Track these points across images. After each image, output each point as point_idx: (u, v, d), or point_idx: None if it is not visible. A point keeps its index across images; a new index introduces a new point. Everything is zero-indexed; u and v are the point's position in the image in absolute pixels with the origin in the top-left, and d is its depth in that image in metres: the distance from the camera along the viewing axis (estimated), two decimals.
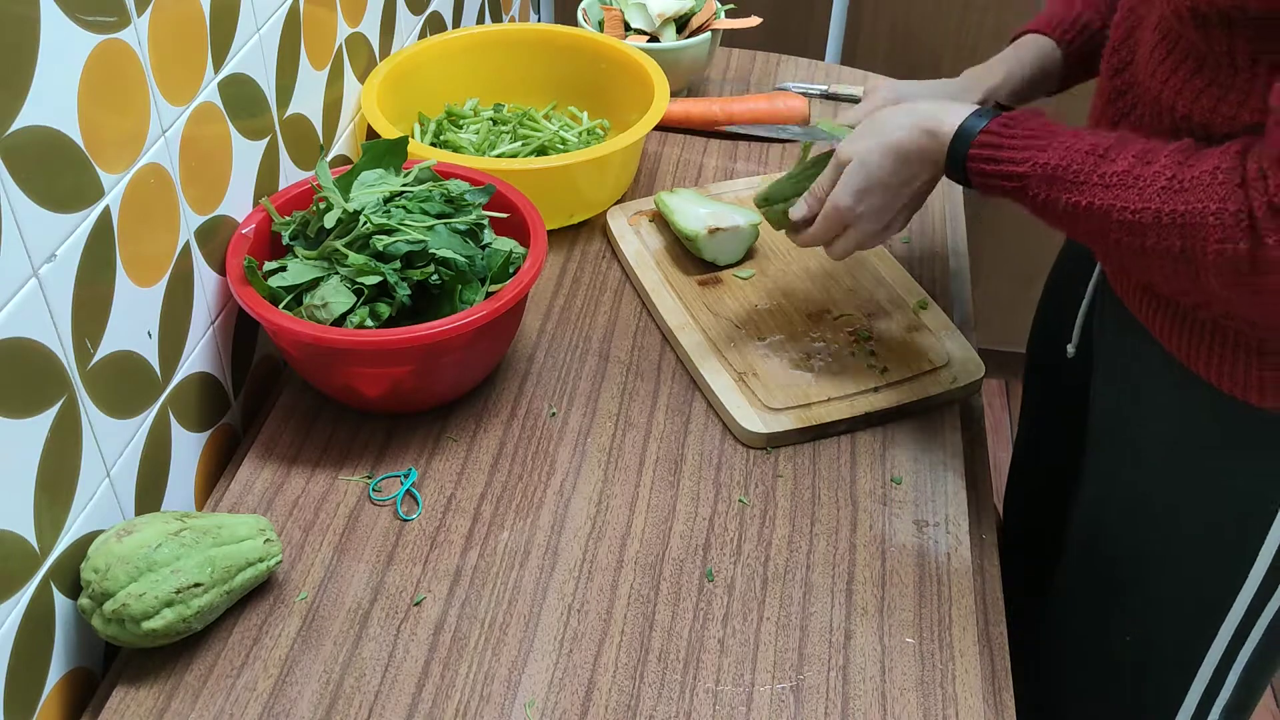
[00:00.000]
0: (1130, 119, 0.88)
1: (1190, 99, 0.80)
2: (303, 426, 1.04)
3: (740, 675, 0.84)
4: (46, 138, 0.75)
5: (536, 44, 1.42)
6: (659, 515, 0.96)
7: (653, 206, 1.29)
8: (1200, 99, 0.79)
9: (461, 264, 0.97)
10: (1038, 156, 0.82)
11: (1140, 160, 0.78)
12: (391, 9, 1.33)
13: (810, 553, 0.93)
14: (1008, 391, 2.48)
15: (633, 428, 1.04)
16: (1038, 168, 0.82)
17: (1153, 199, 0.75)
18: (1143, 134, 0.85)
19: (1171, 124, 0.82)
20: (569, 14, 1.99)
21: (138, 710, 0.81)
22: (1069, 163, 0.80)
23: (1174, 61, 0.81)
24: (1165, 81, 0.82)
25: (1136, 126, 0.87)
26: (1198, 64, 0.79)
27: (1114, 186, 0.77)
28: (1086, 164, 0.79)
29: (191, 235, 0.96)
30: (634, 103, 1.32)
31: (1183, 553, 0.94)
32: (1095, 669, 1.06)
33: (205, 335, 1.00)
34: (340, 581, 0.90)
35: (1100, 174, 0.78)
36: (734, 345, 1.10)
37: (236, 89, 0.99)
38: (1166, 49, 0.82)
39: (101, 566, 0.80)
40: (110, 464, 0.87)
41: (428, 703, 0.82)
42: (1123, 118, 0.89)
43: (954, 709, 0.83)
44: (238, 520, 0.87)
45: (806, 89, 1.55)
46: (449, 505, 0.97)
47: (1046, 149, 0.82)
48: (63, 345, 0.80)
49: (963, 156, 0.87)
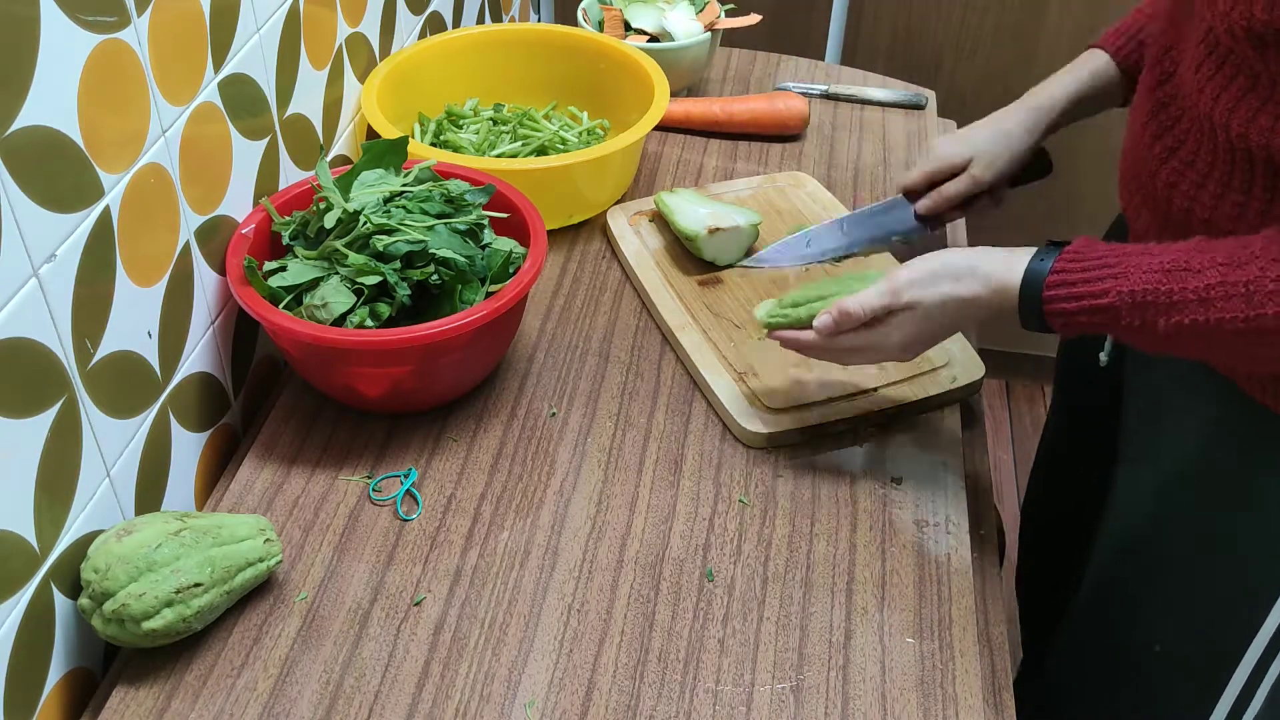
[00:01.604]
0: (1175, 132, 0.86)
1: (1245, 119, 0.77)
2: (303, 426, 1.04)
3: (740, 675, 0.84)
4: (46, 138, 0.75)
5: (536, 44, 1.42)
6: (659, 515, 0.96)
7: (653, 206, 1.29)
8: (1256, 119, 0.76)
9: (461, 264, 0.97)
10: (1119, 285, 0.77)
11: (1231, 265, 0.73)
12: (391, 9, 1.33)
13: (810, 553, 0.93)
14: (1008, 391, 2.48)
15: (633, 428, 1.04)
16: (1124, 297, 0.77)
17: (1266, 304, 0.72)
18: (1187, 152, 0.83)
19: (1227, 143, 0.79)
20: (569, 14, 1.99)
21: (138, 710, 0.81)
22: (1155, 284, 0.76)
23: (1224, 78, 0.78)
24: (1216, 99, 0.79)
25: (1182, 141, 0.85)
26: (1250, 82, 0.76)
27: (1215, 300, 0.73)
28: (1174, 283, 0.75)
29: (191, 235, 0.96)
30: (634, 103, 1.32)
31: (1213, 567, 0.93)
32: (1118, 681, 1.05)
33: (205, 335, 1.00)
34: (340, 581, 0.90)
35: (1193, 289, 0.74)
36: (734, 345, 1.10)
37: (236, 89, 0.99)
38: (1215, 65, 0.79)
39: (101, 566, 0.80)
40: (110, 464, 0.87)
41: (428, 703, 0.82)
42: (1166, 132, 0.87)
43: (954, 709, 0.83)
44: (238, 520, 0.87)
45: (806, 89, 1.55)
46: (449, 505, 0.97)
47: (1124, 275, 0.77)
48: (63, 345, 0.80)
49: (1038, 303, 0.82)
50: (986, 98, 2.10)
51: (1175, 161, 0.86)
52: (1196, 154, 0.83)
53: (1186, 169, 0.84)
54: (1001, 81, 2.08)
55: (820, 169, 1.41)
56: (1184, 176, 0.85)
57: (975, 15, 2.03)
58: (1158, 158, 0.88)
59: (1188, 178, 0.84)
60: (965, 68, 2.09)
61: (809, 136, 1.47)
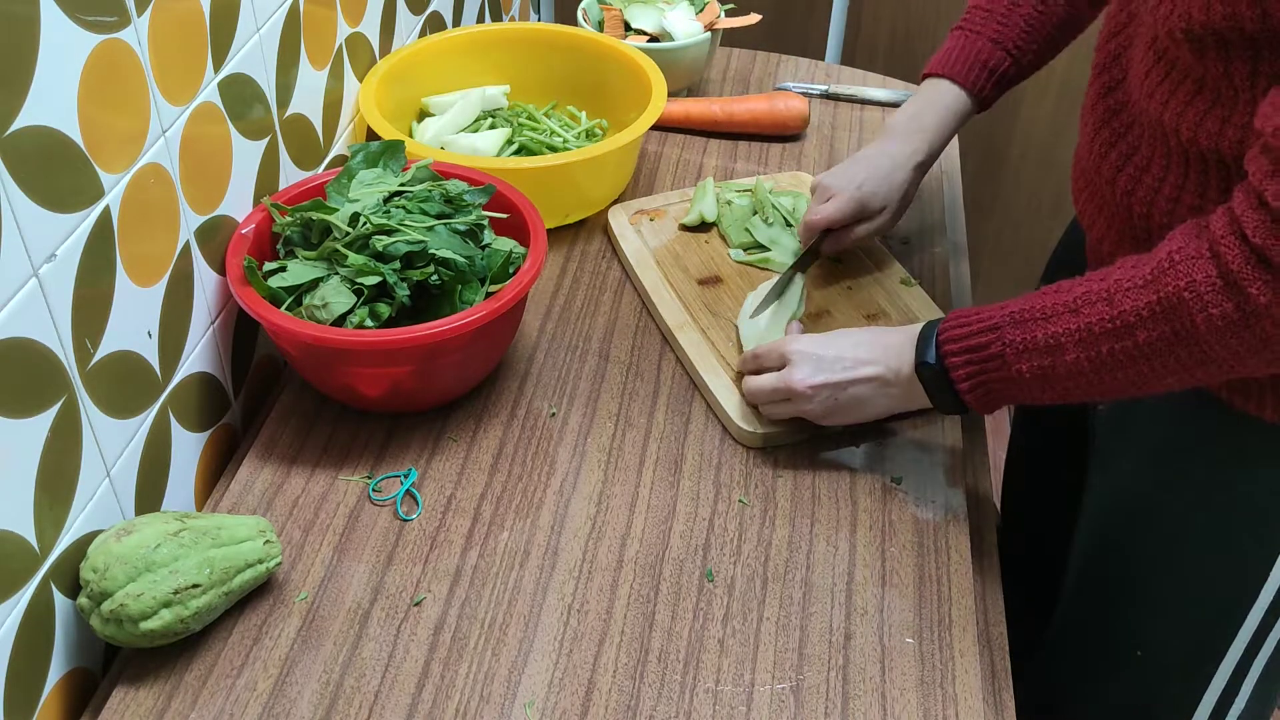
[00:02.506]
0: (1128, 139, 0.87)
1: (1194, 123, 0.78)
2: (303, 426, 1.04)
3: (740, 675, 0.84)
4: (46, 138, 0.75)
5: (536, 43, 1.42)
6: (659, 515, 0.96)
7: (654, 206, 1.29)
8: (1205, 122, 0.77)
9: (461, 264, 0.97)
10: (1002, 310, 0.86)
11: (1093, 279, 0.80)
12: (391, 9, 1.33)
13: (810, 553, 0.93)
14: None
15: (633, 428, 1.04)
16: (1006, 316, 0.85)
17: (1123, 301, 0.77)
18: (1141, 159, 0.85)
19: (1179, 147, 0.81)
20: (569, 14, 1.99)
21: (138, 710, 0.81)
22: (1031, 304, 0.84)
23: (1172, 83, 0.80)
24: (1165, 104, 0.80)
25: (1135, 148, 0.86)
26: (1196, 85, 0.78)
27: (1082, 308, 0.80)
28: (1046, 300, 0.83)
29: (191, 235, 0.96)
30: (633, 103, 1.32)
31: (1194, 564, 0.93)
32: (1103, 681, 1.05)
33: (205, 335, 1.00)
34: (340, 581, 0.90)
35: (1063, 302, 0.81)
36: (733, 345, 1.10)
37: (236, 89, 0.99)
38: (1164, 71, 0.80)
39: (100, 566, 0.80)
40: (110, 464, 0.87)
41: (428, 703, 0.82)
42: (1119, 139, 0.88)
43: (954, 709, 0.83)
44: (238, 521, 0.87)
45: (806, 89, 1.55)
46: (449, 505, 0.97)
47: (1005, 305, 0.86)
48: (63, 345, 0.80)
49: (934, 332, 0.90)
50: None
51: (1130, 168, 0.87)
52: (1151, 159, 0.85)
53: (1142, 174, 0.86)
54: None
55: (820, 169, 1.41)
56: (1140, 183, 0.86)
57: None
58: (1113, 165, 0.89)
59: (1144, 183, 0.85)
60: None
61: (809, 136, 1.47)
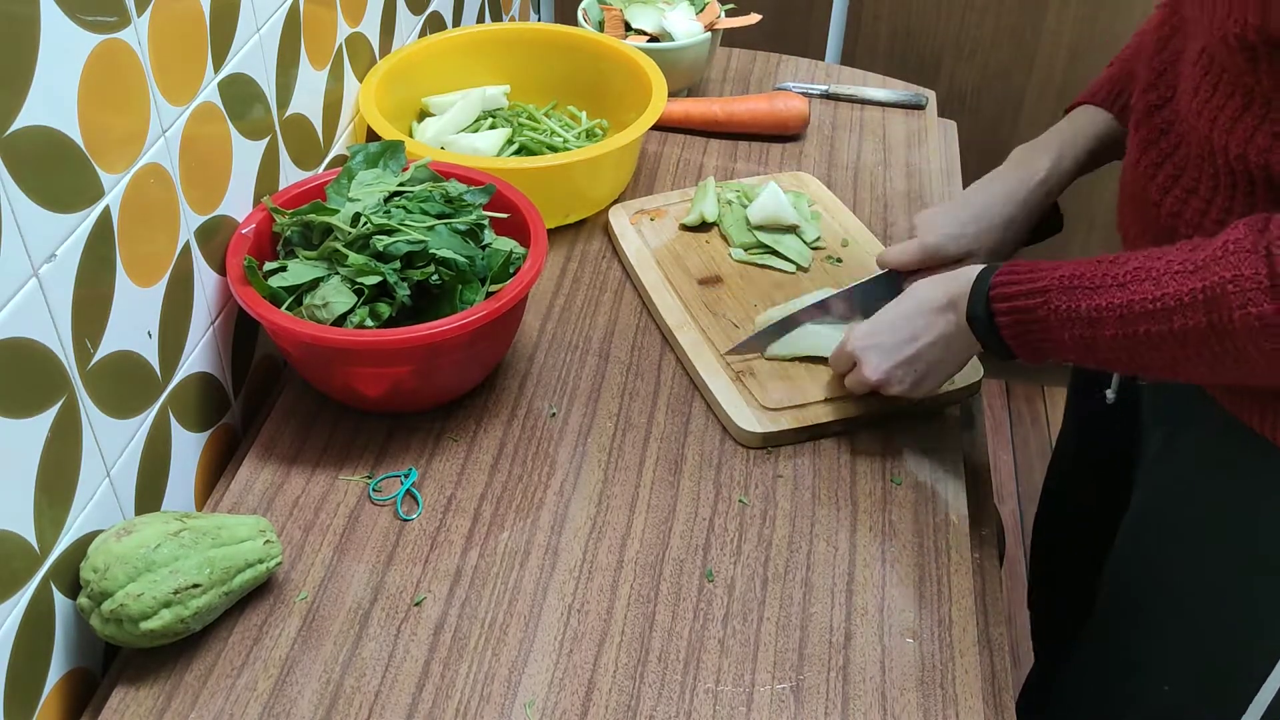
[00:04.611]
0: (1174, 160, 0.86)
1: (1244, 139, 0.77)
2: (303, 426, 1.04)
3: (740, 675, 0.84)
4: (46, 138, 0.75)
5: (536, 44, 1.42)
6: (659, 515, 0.96)
7: (654, 206, 1.29)
8: (1255, 138, 0.77)
9: (461, 264, 0.97)
10: (1054, 272, 0.84)
11: (1151, 256, 0.79)
12: (391, 9, 1.33)
13: (810, 553, 0.93)
14: (1008, 391, 2.48)
15: (633, 428, 1.04)
16: (1056, 280, 0.84)
17: (1169, 284, 0.76)
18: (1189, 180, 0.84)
19: (1226, 166, 0.80)
20: (569, 14, 1.99)
21: (138, 710, 0.81)
22: (1083, 271, 0.82)
23: (1221, 98, 0.79)
24: (1214, 120, 0.79)
25: (1182, 169, 0.85)
26: (1246, 98, 0.77)
27: (1129, 283, 0.79)
28: (1099, 269, 0.81)
29: (191, 235, 0.96)
30: (633, 103, 1.32)
31: (1232, 596, 0.92)
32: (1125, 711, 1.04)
33: (205, 335, 1.00)
34: (340, 581, 0.90)
35: (1113, 275, 0.80)
36: (732, 345, 1.10)
37: (236, 89, 0.99)
38: (1212, 85, 0.80)
39: (100, 566, 0.80)
40: (110, 464, 0.87)
41: (428, 703, 0.82)
42: (1166, 159, 0.87)
43: (954, 709, 0.83)
44: (238, 521, 0.87)
45: (806, 89, 1.55)
46: (449, 505, 0.97)
47: (1060, 266, 0.84)
48: (63, 345, 0.80)
49: (986, 287, 0.88)
50: (986, 98, 2.10)
51: (1178, 190, 0.86)
52: (1198, 181, 0.83)
53: (1190, 197, 0.84)
54: (1001, 81, 2.08)
55: (820, 169, 1.41)
56: (1187, 205, 0.85)
57: (975, 16, 2.03)
58: (1160, 187, 0.87)
59: (1191, 206, 0.84)
60: (965, 68, 2.09)
61: (809, 136, 1.47)
